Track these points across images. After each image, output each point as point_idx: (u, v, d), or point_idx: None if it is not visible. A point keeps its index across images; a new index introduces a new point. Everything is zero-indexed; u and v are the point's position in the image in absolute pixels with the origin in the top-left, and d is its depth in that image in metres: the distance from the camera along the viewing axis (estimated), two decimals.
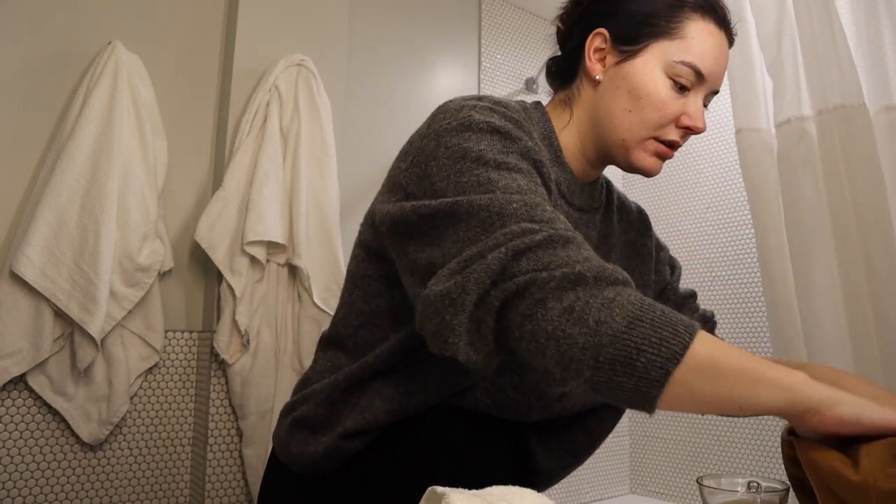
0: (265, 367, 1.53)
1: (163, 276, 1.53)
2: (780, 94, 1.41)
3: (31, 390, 1.35)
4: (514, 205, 0.61)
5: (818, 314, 1.31)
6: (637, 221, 0.98)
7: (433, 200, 0.65)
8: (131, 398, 1.48)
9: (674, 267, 1.03)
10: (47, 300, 1.31)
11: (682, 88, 0.78)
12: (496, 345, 0.60)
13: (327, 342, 0.86)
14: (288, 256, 1.56)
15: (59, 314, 1.33)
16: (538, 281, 0.55)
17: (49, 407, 1.37)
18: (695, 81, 0.78)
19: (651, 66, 0.77)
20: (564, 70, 0.88)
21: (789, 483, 0.61)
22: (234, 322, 1.50)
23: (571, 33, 0.86)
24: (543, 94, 2.68)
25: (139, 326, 1.47)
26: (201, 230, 1.52)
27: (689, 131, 0.80)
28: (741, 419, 2.21)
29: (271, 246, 1.54)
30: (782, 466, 0.67)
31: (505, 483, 0.81)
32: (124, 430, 1.49)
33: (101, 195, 1.37)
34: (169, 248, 1.53)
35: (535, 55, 2.54)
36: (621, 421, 2.58)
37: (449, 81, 2.26)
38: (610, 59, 0.80)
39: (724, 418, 2.26)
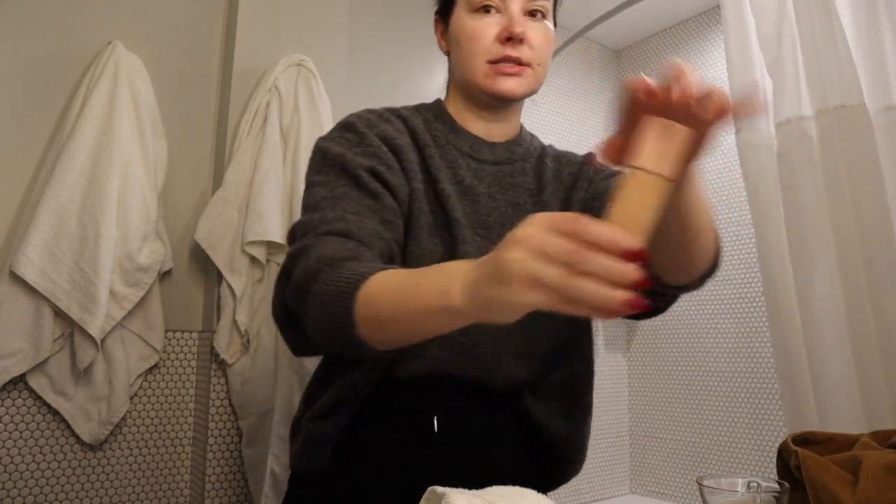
0: (265, 367, 1.53)
1: (163, 276, 1.53)
2: (780, 94, 1.41)
3: (31, 390, 1.35)
4: (296, 229, 0.78)
5: (818, 314, 1.31)
6: (574, 159, 1.02)
7: None
8: (131, 398, 1.48)
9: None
10: (47, 300, 1.31)
11: (486, 11, 0.86)
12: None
13: (322, 359, 0.96)
14: None
15: (59, 314, 1.33)
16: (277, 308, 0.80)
17: (49, 407, 1.37)
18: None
19: (459, 14, 0.89)
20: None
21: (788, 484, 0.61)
22: (235, 322, 1.50)
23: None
24: (543, 94, 2.68)
25: (139, 326, 1.47)
26: (201, 230, 1.52)
27: (511, 39, 0.85)
28: (741, 421, 2.21)
29: (271, 246, 1.54)
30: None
31: (510, 450, 0.85)
32: (124, 430, 1.49)
33: (101, 195, 1.37)
34: (169, 248, 1.53)
35: None
36: (621, 421, 2.58)
37: None
38: (444, 31, 0.95)
39: (725, 419, 2.26)
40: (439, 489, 0.57)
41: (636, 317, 0.81)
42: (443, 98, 0.99)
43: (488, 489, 0.59)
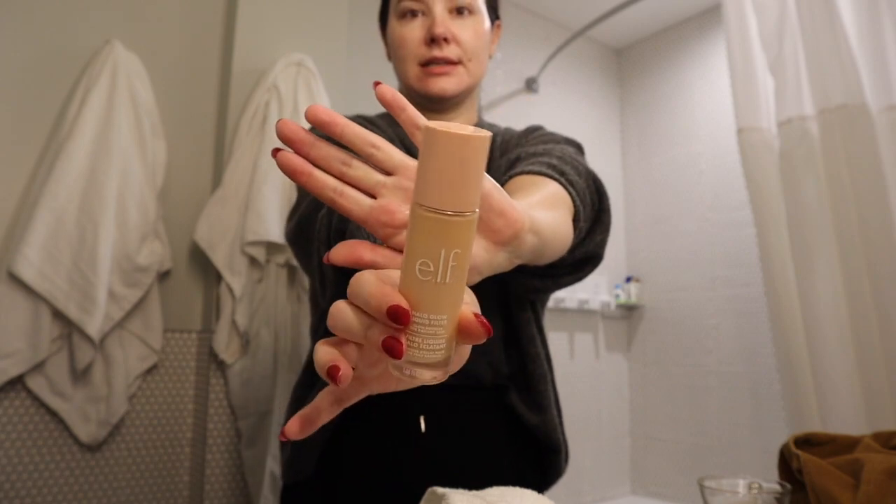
0: (264, 367, 1.53)
1: (162, 276, 1.53)
2: (781, 93, 1.40)
3: (30, 391, 1.35)
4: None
5: (820, 314, 1.31)
6: (523, 134, 0.96)
7: None
8: (130, 399, 1.48)
9: (537, 135, 0.93)
10: (45, 300, 1.31)
11: (413, 15, 0.88)
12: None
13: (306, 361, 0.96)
14: (287, 257, 1.56)
15: (58, 315, 1.33)
16: None
17: (47, 408, 1.37)
18: (415, 4, 0.88)
19: (391, 23, 0.92)
20: None
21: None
22: (234, 322, 1.50)
23: None
24: (544, 94, 2.67)
25: (138, 327, 1.47)
26: (201, 230, 1.51)
27: (434, 41, 0.87)
28: (742, 421, 2.20)
29: (271, 246, 1.54)
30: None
31: (500, 446, 0.85)
32: (123, 431, 1.48)
33: (100, 195, 1.36)
34: (168, 248, 1.52)
35: (535, 55, 2.53)
36: (622, 421, 2.58)
37: None
38: (385, 40, 0.98)
39: (726, 419, 2.25)
40: (439, 490, 0.56)
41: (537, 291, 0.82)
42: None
43: (488, 490, 0.58)
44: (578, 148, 0.89)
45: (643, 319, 2.61)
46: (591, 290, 2.53)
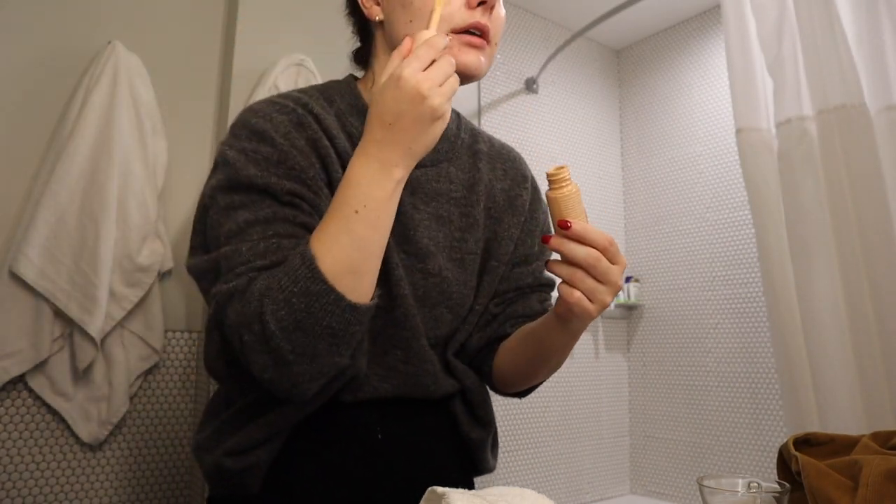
0: None
1: (162, 276, 1.53)
2: (780, 93, 1.41)
3: (31, 390, 1.35)
4: (220, 262, 0.68)
5: (818, 314, 1.31)
6: (512, 170, 0.91)
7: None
8: (131, 398, 1.48)
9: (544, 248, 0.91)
10: (47, 300, 1.31)
11: None
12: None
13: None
14: None
15: (59, 314, 1.33)
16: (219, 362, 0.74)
17: (49, 407, 1.37)
18: None
19: None
20: (361, 41, 0.86)
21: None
22: None
23: (352, 9, 0.85)
24: (543, 94, 2.67)
25: (139, 326, 1.47)
26: None
27: (484, 3, 0.72)
28: (741, 421, 2.21)
29: None
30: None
31: (447, 453, 0.84)
32: (124, 431, 1.49)
33: (101, 195, 1.36)
34: (169, 248, 1.53)
35: (535, 55, 2.53)
36: (621, 421, 2.58)
37: None
38: None
39: (725, 419, 2.26)
40: (439, 489, 0.56)
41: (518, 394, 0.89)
42: (359, 76, 0.84)
43: (488, 489, 0.58)
44: None
45: (643, 319, 2.61)
46: None
